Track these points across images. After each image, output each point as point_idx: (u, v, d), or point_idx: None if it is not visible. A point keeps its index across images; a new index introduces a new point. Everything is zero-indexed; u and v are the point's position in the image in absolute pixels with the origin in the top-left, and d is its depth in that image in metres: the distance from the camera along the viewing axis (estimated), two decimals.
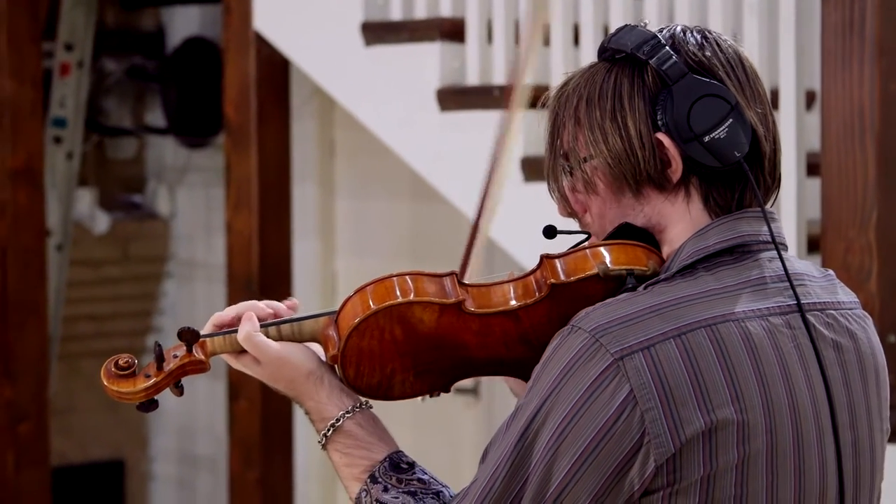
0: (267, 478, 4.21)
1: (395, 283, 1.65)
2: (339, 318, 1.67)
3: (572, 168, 1.67)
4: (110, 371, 1.70)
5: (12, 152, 4.77)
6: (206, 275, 5.93)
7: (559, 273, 1.63)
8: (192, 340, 1.69)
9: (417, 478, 1.64)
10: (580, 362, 1.53)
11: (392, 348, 1.66)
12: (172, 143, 5.96)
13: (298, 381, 1.69)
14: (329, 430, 1.67)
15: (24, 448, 4.86)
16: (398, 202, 5.04)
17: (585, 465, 1.51)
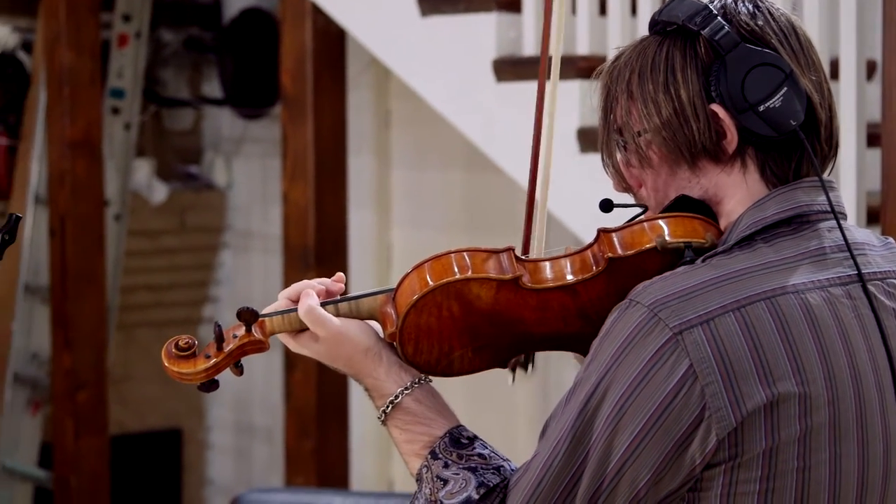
0: (322, 448, 4.23)
1: (452, 259, 1.65)
2: (396, 296, 1.67)
3: (626, 143, 1.66)
4: (171, 352, 1.71)
5: (71, 123, 4.80)
6: (262, 245, 5.95)
7: (616, 247, 1.62)
8: (251, 320, 1.69)
9: (478, 453, 1.63)
10: (639, 337, 1.52)
11: (450, 325, 1.65)
12: (229, 114, 5.97)
13: (357, 358, 1.69)
14: (388, 407, 1.67)
15: (83, 416, 4.91)
16: (453, 173, 5.03)
17: (646, 440, 1.51)
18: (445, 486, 1.61)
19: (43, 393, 5.46)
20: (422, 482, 1.64)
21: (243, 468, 6.11)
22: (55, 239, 4.91)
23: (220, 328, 1.70)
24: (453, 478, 1.61)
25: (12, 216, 1.70)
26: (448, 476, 1.61)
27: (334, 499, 3.27)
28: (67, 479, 4.92)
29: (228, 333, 1.70)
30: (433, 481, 1.62)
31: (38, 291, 5.43)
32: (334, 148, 4.23)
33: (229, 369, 1.71)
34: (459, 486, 1.60)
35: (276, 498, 3.30)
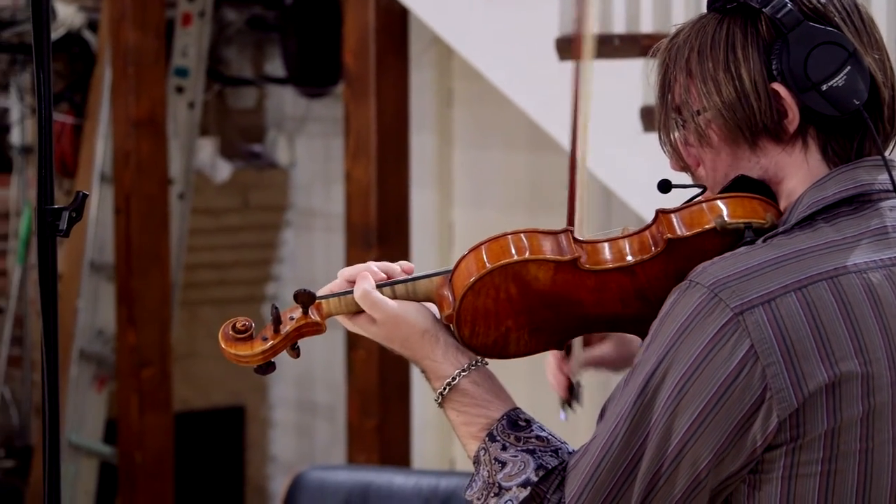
0: (384, 426, 4.24)
1: (509, 240, 1.63)
2: (453, 278, 1.66)
3: (685, 121, 1.65)
4: (228, 334, 1.71)
5: (136, 102, 4.83)
6: (324, 224, 5.97)
7: (675, 227, 1.60)
8: (307, 302, 1.69)
9: (536, 435, 1.62)
10: (699, 318, 1.51)
11: (507, 307, 1.64)
12: (292, 93, 5.99)
13: (414, 340, 1.68)
14: (445, 389, 1.66)
15: (148, 393, 4.95)
16: (516, 152, 5.02)
17: (706, 421, 1.50)
18: (504, 469, 1.60)
19: (108, 369, 5.51)
20: (479, 465, 1.63)
21: (305, 446, 6.14)
22: (120, 217, 4.95)
23: (277, 310, 1.69)
24: (511, 460, 1.60)
25: (79, 194, 1.71)
26: (506, 458, 1.60)
27: (396, 477, 3.28)
28: (132, 454, 4.96)
29: (285, 316, 1.69)
30: (491, 464, 1.61)
31: (104, 269, 5.48)
32: (397, 127, 4.23)
33: (286, 351, 1.70)
34: (518, 469, 1.59)
35: (337, 475, 3.32)
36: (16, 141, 5.62)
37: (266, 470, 6.28)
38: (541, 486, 1.57)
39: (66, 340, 5.40)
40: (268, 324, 1.70)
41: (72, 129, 5.61)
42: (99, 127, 5.47)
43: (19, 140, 5.62)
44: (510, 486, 1.58)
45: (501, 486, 1.59)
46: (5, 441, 5.72)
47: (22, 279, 5.64)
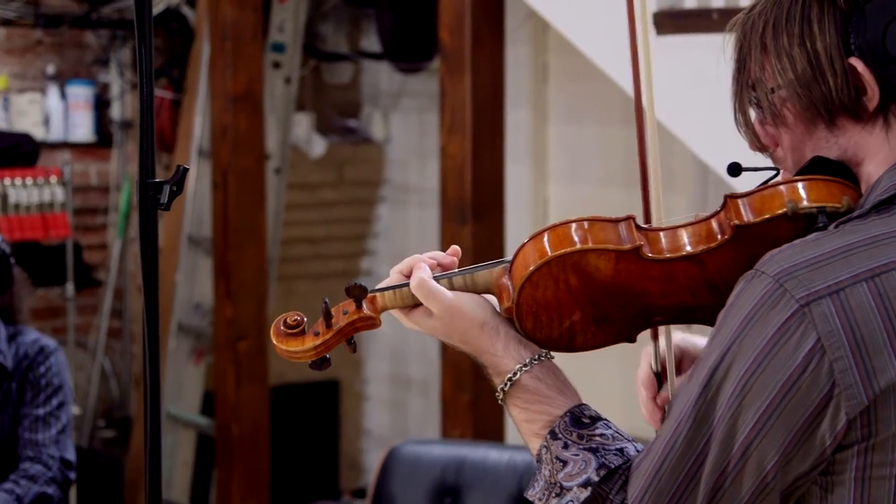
0: (478, 402, 4.25)
1: (568, 229, 1.56)
2: (512, 268, 1.58)
3: (759, 99, 1.57)
4: (279, 329, 1.67)
5: (233, 77, 4.87)
6: (419, 199, 5.98)
7: (743, 214, 1.52)
8: (360, 296, 1.63)
9: (600, 433, 1.54)
10: (763, 309, 1.42)
11: (568, 298, 1.56)
12: (387, 68, 6.00)
13: (473, 333, 1.61)
14: (506, 385, 1.59)
15: (245, 365, 4.99)
16: (610, 127, 5.00)
17: (772, 419, 1.42)
18: (565, 468, 1.52)
19: (205, 342, 5.57)
20: (541, 463, 1.55)
21: (399, 420, 6.17)
22: (218, 191, 4.99)
23: (328, 305, 1.64)
24: (573, 459, 1.52)
25: (179, 167, 1.72)
26: (567, 457, 1.52)
27: (490, 452, 3.28)
28: (229, 426, 5.02)
29: (338, 310, 1.65)
30: (552, 462, 1.54)
31: (201, 243, 5.53)
32: (492, 102, 4.22)
33: (343, 346, 1.65)
34: (579, 468, 1.51)
35: (431, 450, 3.33)
36: (116, 116, 5.69)
37: (360, 444, 6.32)
38: (603, 487, 1.50)
39: (165, 314, 5.46)
40: (320, 319, 1.65)
41: (170, 104, 5.67)
42: (197, 102, 5.52)
43: (119, 115, 5.69)
44: (571, 485, 1.51)
45: (562, 486, 1.52)
46: (105, 412, 5.81)
47: (122, 253, 5.72)
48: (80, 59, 5.67)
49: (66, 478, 3.43)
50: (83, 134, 5.59)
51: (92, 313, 5.75)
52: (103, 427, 5.79)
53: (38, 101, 5.48)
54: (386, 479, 3.26)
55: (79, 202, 5.56)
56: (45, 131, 5.48)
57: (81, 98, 5.56)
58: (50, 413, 3.46)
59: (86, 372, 5.73)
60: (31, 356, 3.50)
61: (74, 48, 5.65)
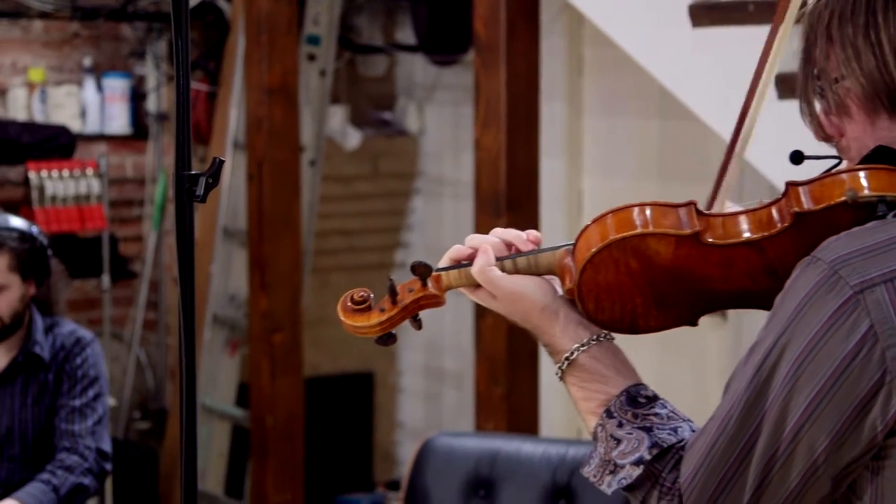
0: (512, 394, 4.25)
1: (632, 213, 1.59)
2: (575, 251, 1.63)
3: (824, 89, 1.59)
4: (346, 305, 1.71)
5: (268, 69, 4.88)
6: (453, 192, 5.98)
7: (804, 201, 1.54)
8: (426, 274, 1.68)
9: (655, 412, 1.57)
10: (818, 295, 1.45)
11: (629, 281, 1.60)
12: (422, 61, 6.00)
13: (533, 315, 1.66)
14: (564, 364, 1.64)
15: (279, 357, 5.01)
16: (646, 120, 4.98)
17: (823, 403, 1.44)
18: (618, 446, 1.56)
19: (240, 334, 5.59)
20: (597, 441, 1.59)
21: (433, 412, 6.17)
22: (253, 183, 5.00)
23: (393, 283, 1.69)
24: (626, 437, 1.56)
25: (215, 159, 1.73)
26: (621, 435, 1.56)
27: (524, 444, 3.28)
28: (264, 418, 5.03)
29: (404, 288, 1.69)
30: (607, 440, 1.57)
31: (236, 235, 5.55)
32: (527, 94, 4.22)
33: (409, 323, 1.70)
34: (632, 447, 1.54)
35: (465, 442, 3.33)
36: (152, 108, 5.71)
37: (394, 436, 6.33)
38: (655, 465, 1.53)
39: (200, 305, 5.48)
40: (385, 296, 1.69)
41: (206, 96, 5.68)
42: (232, 94, 5.53)
43: (155, 107, 5.71)
44: (624, 463, 1.54)
45: (616, 464, 1.55)
46: (141, 403, 5.84)
47: (157, 244, 5.74)
48: (117, 52, 5.69)
49: (102, 469, 3.44)
50: (119, 126, 5.61)
51: (127, 305, 5.78)
52: (139, 418, 5.82)
53: (75, 94, 5.50)
54: (420, 472, 3.27)
55: (115, 194, 5.58)
56: (81, 124, 5.50)
57: (118, 90, 5.58)
58: (86, 404, 3.48)
59: (121, 363, 5.75)
60: (68, 347, 3.52)
61: (111, 41, 5.67)
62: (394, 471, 6.29)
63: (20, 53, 5.48)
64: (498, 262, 1.67)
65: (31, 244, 3.45)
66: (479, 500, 3.22)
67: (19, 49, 5.48)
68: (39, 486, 3.32)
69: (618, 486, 1.55)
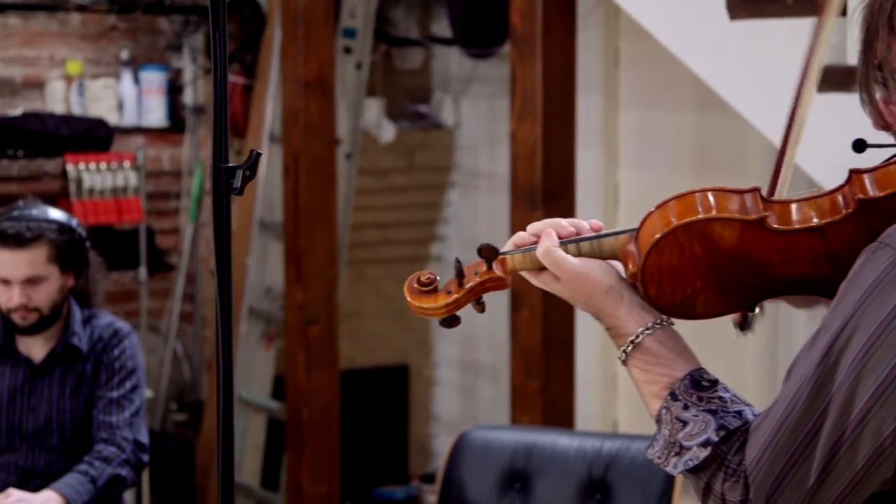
0: (548, 387, 4.24)
1: (696, 198, 1.62)
2: (639, 235, 1.65)
3: (885, 79, 1.60)
4: (413, 287, 1.74)
5: (305, 63, 4.88)
6: (489, 185, 5.97)
7: (868, 188, 1.57)
8: (491, 257, 1.70)
9: (719, 396, 1.60)
10: (885, 281, 1.47)
11: (693, 266, 1.63)
12: (458, 54, 6.00)
13: (597, 298, 1.68)
14: (629, 347, 1.66)
15: (315, 350, 5.02)
16: (683, 113, 4.96)
17: (890, 388, 1.46)
18: (685, 428, 1.58)
19: (276, 327, 5.61)
20: (661, 423, 1.62)
21: (468, 405, 6.18)
22: (289, 176, 5.01)
23: (461, 264, 1.71)
24: (693, 419, 1.58)
25: (253, 152, 1.74)
26: (687, 417, 1.59)
27: (559, 438, 3.28)
28: (299, 410, 5.04)
29: (469, 270, 1.71)
30: (672, 422, 1.60)
31: (272, 227, 5.56)
32: (563, 87, 4.21)
33: (471, 305, 1.72)
34: (699, 428, 1.57)
35: (501, 435, 3.33)
36: (188, 101, 5.73)
37: (429, 428, 6.33)
38: (722, 447, 1.56)
39: (236, 298, 5.50)
40: (452, 277, 1.72)
41: (242, 89, 5.70)
42: (269, 87, 5.55)
43: (192, 100, 5.73)
44: (691, 445, 1.57)
45: (682, 446, 1.58)
46: (177, 395, 5.86)
47: (193, 237, 5.76)
48: (154, 45, 5.71)
49: (140, 460, 3.46)
50: (156, 119, 5.63)
51: (164, 297, 5.81)
52: (175, 410, 5.85)
53: (112, 87, 5.53)
54: (455, 465, 3.27)
55: (151, 187, 5.61)
56: (118, 116, 5.53)
57: (154, 83, 5.60)
58: (124, 395, 3.50)
59: (158, 355, 5.78)
60: (106, 339, 3.54)
61: (148, 34, 5.70)
62: (429, 464, 6.30)
63: (58, 46, 5.51)
64: (562, 246, 1.70)
65: (69, 236, 3.47)
66: (514, 494, 3.22)
67: (57, 42, 5.51)
68: (77, 477, 3.34)
69: (684, 468, 1.57)
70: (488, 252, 1.70)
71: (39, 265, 3.42)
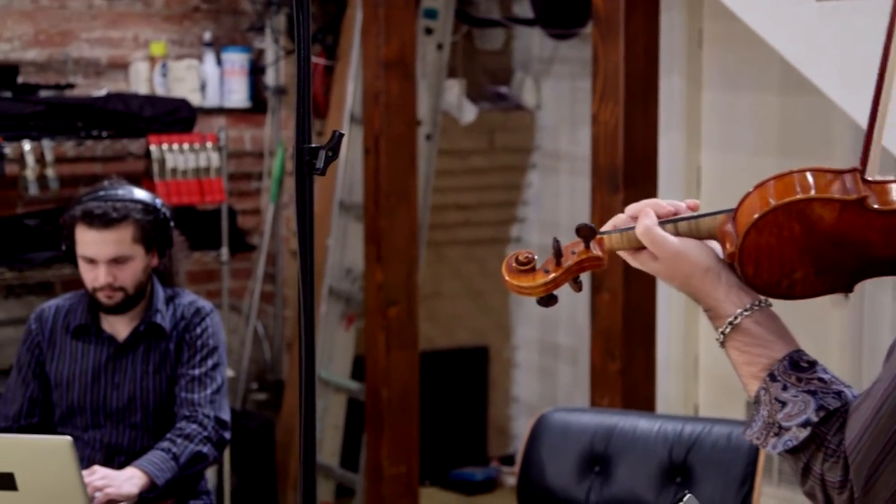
0: (628, 370, 4.22)
1: (795, 178, 1.62)
2: (737, 215, 1.65)
3: None
4: (511, 266, 1.74)
5: (386, 43, 4.88)
6: (570, 166, 5.95)
7: None
8: (589, 237, 1.71)
9: (818, 377, 1.60)
10: None
11: (791, 246, 1.63)
12: (539, 34, 5.97)
13: (695, 278, 1.68)
14: (727, 328, 1.66)
15: (395, 331, 5.03)
16: (767, 94, 4.91)
17: None
18: (784, 408, 1.59)
19: (356, 307, 5.62)
20: (759, 404, 1.62)
21: (547, 387, 6.17)
22: (369, 157, 5.02)
23: (559, 244, 1.72)
24: (792, 400, 1.58)
25: (335, 133, 1.74)
26: (787, 398, 1.59)
27: (639, 421, 3.26)
28: (379, 391, 5.06)
29: (567, 250, 1.72)
30: (771, 403, 1.60)
31: (353, 208, 5.58)
32: (646, 68, 4.17)
33: (568, 284, 1.73)
34: (798, 409, 1.57)
35: (581, 418, 3.31)
36: (270, 82, 5.75)
37: (508, 410, 6.33)
38: (821, 428, 1.56)
39: (317, 279, 5.49)
40: (549, 256, 1.72)
41: (323, 70, 5.71)
42: (350, 68, 5.55)
43: (273, 81, 5.75)
44: (790, 425, 1.57)
45: (781, 426, 1.58)
46: (258, 375, 5.90)
47: (274, 217, 5.79)
48: (236, 26, 5.74)
49: (221, 437, 3.49)
50: (238, 100, 5.66)
51: (245, 277, 5.84)
52: (256, 390, 5.88)
53: (195, 68, 5.56)
54: (535, 446, 3.26)
55: (233, 167, 5.64)
56: (201, 97, 5.56)
57: (237, 64, 5.63)
58: (205, 373, 3.52)
59: (239, 335, 5.82)
60: (188, 317, 3.57)
61: (230, 15, 5.73)
62: (508, 445, 6.30)
63: (142, 27, 5.55)
64: (660, 225, 1.70)
65: (154, 216, 3.50)
66: (594, 476, 3.21)
67: (141, 23, 5.55)
68: (160, 454, 3.37)
69: (783, 448, 1.57)
70: (586, 231, 1.71)
71: (125, 245, 3.45)
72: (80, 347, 3.54)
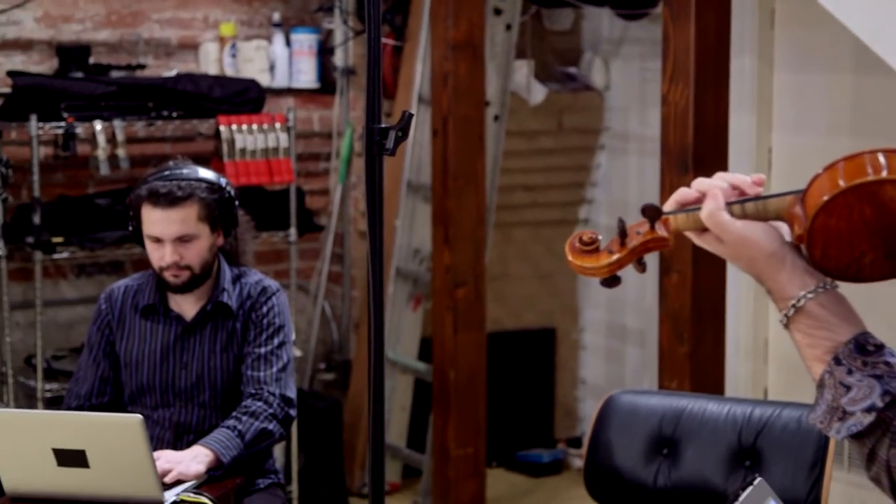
0: (697, 353, 4.19)
1: (866, 159, 1.60)
2: (806, 196, 1.63)
3: None
4: (575, 246, 1.73)
5: (454, 24, 4.87)
6: (639, 148, 5.91)
7: None
8: (654, 217, 1.70)
9: (885, 361, 1.58)
10: None
11: (861, 228, 1.60)
12: (609, 15, 5.93)
13: (760, 261, 1.67)
14: (790, 311, 1.65)
15: (462, 312, 5.03)
16: (840, 74, 4.85)
17: None
18: (848, 393, 1.57)
19: (423, 288, 5.62)
20: (823, 388, 1.60)
21: (615, 370, 6.14)
22: (437, 138, 5.01)
23: (624, 224, 1.71)
24: (857, 384, 1.57)
25: (405, 113, 1.74)
26: (851, 382, 1.57)
27: (708, 404, 3.23)
28: (446, 372, 5.06)
29: (632, 230, 1.71)
30: (835, 387, 1.58)
31: (420, 189, 5.58)
32: (716, 49, 4.14)
33: (633, 266, 1.72)
34: (863, 394, 1.56)
35: (649, 400, 3.29)
36: (339, 63, 5.76)
37: (575, 393, 6.31)
38: (887, 413, 1.54)
39: (385, 259, 5.52)
40: (614, 237, 1.71)
41: (392, 51, 5.71)
42: (418, 49, 5.55)
43: (342, 62, 5.75)
44: (854, 410, 1.56)
45: (846, 411, 1.57)
46: (326, 355, 5.92)
47: (342, 198, 5.80)
48: (305, 7, 5.75)
49: (287, 414, 3.50)
50: (307, 80, 5.67)
51: (313, 258, 5.86)
52: (323, 370, 5.91)
53: (264, 48, 5.58)
54: (603, 428, 3.25)
55: (301, 148, 5.66)
56: (269, 78, 5.58)
57: (305, 45, 5.64)
58: (271, 352, 3.54)
59: (307, 315, 5.84)
60: (255, 296, 3.58)
61: None
62: (575, 427, 6.28)
63: (212, 8, 5.57)
64: (727, 207, 1.68)
65: (219, 195, 3.51)
66: (662, 459, 3.19)
67: (211, 4, 5.57)
68: (225, 432, 3.39)
69: (847, 434, 1.56)
70: (651, 212, 1.69)
71: (190, 223, 3.46)
72: (149, 327, 3.56)
